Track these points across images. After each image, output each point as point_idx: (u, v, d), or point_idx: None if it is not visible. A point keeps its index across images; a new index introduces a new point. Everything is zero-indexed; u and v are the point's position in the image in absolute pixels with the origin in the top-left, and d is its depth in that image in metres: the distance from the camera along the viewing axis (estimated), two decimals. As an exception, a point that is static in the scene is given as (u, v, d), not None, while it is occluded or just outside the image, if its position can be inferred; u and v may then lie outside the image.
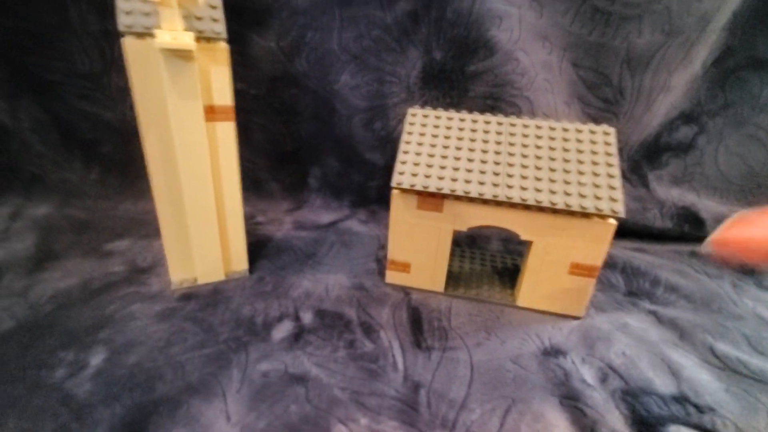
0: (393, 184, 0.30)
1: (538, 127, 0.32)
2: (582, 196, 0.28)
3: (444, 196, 0.30)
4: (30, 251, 0.36)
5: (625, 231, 0.45)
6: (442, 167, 0.30)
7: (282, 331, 0.29)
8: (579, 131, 0.32)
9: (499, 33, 0.38)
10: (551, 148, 0.31)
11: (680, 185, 0.46)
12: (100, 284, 0.33)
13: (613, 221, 0.28)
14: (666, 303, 0.35)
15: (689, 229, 0.45)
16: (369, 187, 0.48)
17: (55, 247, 0.37)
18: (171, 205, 0.30)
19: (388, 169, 0.46)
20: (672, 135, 0.46)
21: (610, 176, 0.29)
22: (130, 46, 0.25)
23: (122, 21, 0.24)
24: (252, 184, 0.48)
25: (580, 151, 0.31)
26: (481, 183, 0.30)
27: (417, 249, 0.33)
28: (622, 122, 0.43)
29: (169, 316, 0.30)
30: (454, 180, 0.30)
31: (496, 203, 0.29)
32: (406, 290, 0.34)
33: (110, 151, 0.45)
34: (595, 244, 0.29)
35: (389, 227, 0.32)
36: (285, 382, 0.25)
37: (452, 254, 0.37)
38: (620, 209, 0.28)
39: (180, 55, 0.25)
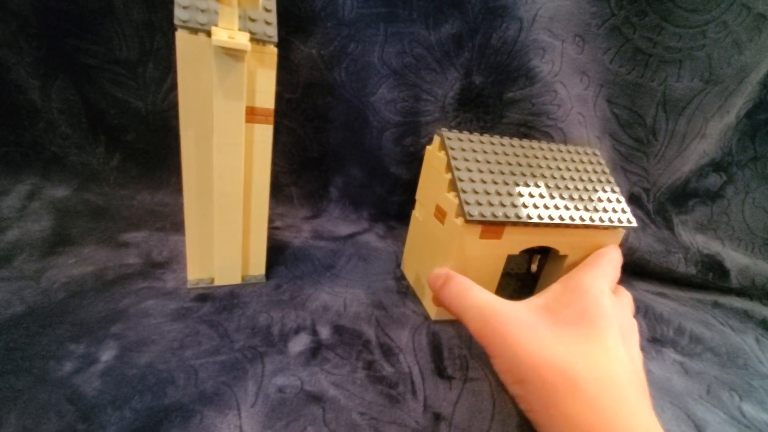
0: (465, 218, 0.28)
1: (541, 149, 0.34)
2: (605, 210, 0.32)
3: (504, 224, 0.29)
4: (45, 233, 0.35)
5: (646, 273, 0.44)
6: (499, 193, 0.30)
7: (299, 344, 0.28)
8: (572, 152, 0.35)
9: (542, 64, 0.38)
10: (568, 169, 0.33)
11: (705, 233, 0.46)
12: (115, 275, 0.32)
13: (621, 229, 0.32)
14: (692, 354, 0.34)
15: (713, 278, 0.44)
16: (390, 202, 0.48)
17: (71, 232, 0.36)
18: (199, 202, 0.30)
19: (411, 185, 0.45)
20: (700, 181, 0.45)
21: (614, 191, 0.33)
22: (182, 40, 0.25)
23: (179, 15, 0.24)
24: (272, 187, 0.47)
25: (587, 171, 0.34)
26: (536, 206, 0.30)
27: (472, 279, 0.31)
28: (652, 163, 0.43)
29: (184, 316, 0.29)
30: (514, 206, 0.29)
31: (545, 224, 0.30)
32: (422, 312, 0.33)
33: (133, 139, 0.45)
34: None
35: (450, 263, 0.30)
36: (301, 400, 0.24)
37: None
38: (633, 219, 0.32)
39: (233, 54, 0.24)
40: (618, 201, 0.33)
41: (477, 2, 0.36)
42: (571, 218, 0.30)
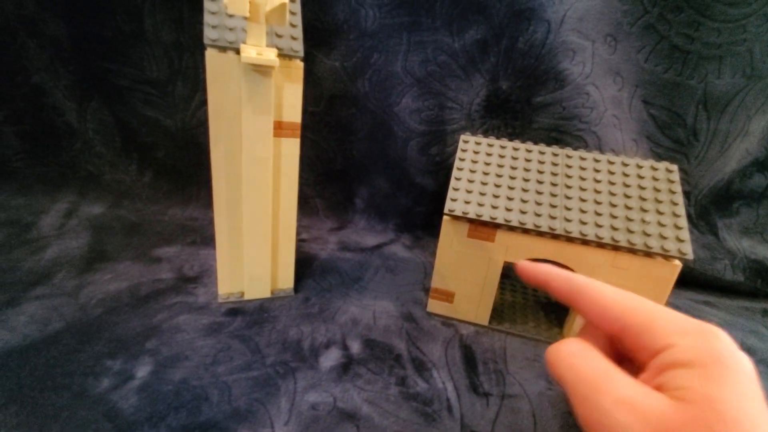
0: (445, 210, 0.29)
1: (597, 161, 0.31)
2: (646, 234, 0.27)
3: (497, 226, 0.29)
4: (83, 250, 0.36)
5: (691, 280, 0.42)
6: (496, 196, 0.29)
7: (330, 359, 0.28)
8: (640, 167, 0.31)
9: (572, 66, 0.36)
10: (611, 183, 0.30)
11: (751, 236, 0.43)
12: (148, 290, 0.32)
13: (677, 263, 0.26)
14: (748, 368, 0.31)
15: (762, 285, 0.41)
16: (416, 212, 0.47)
17: (107, 248, 0.37)
18: (229, 217, 0.30)
19: (437, 195, 0.45)
20: (744, 182, 0.43)
21: (676, 215, 0.28)
22: (211, 58, 0.25)
23: (208, 34, 0.25)
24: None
25: (642, 188, 0.29)
26: (538, 215, 0.28)
27: (463, 279, 0.31)
28: (693, 165, 0.41)
29: (216, 331, 0.29)
30: (508, 210, 0.28)
31: (553, 236, 0.28)
32: (453, 324, 0.32)
33: (164, 156, 0.46)
34: (657, 285, 0.27)
35: (436, 255, 0.31)
36: (335, 418, 0.23)
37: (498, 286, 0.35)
38: (688, 250, 0.26)
39: (261, 70, 0.25)
40: (676, 227, 0.27)
41: (502, 6, 0.36)
42: (582, 234, 0.27)
